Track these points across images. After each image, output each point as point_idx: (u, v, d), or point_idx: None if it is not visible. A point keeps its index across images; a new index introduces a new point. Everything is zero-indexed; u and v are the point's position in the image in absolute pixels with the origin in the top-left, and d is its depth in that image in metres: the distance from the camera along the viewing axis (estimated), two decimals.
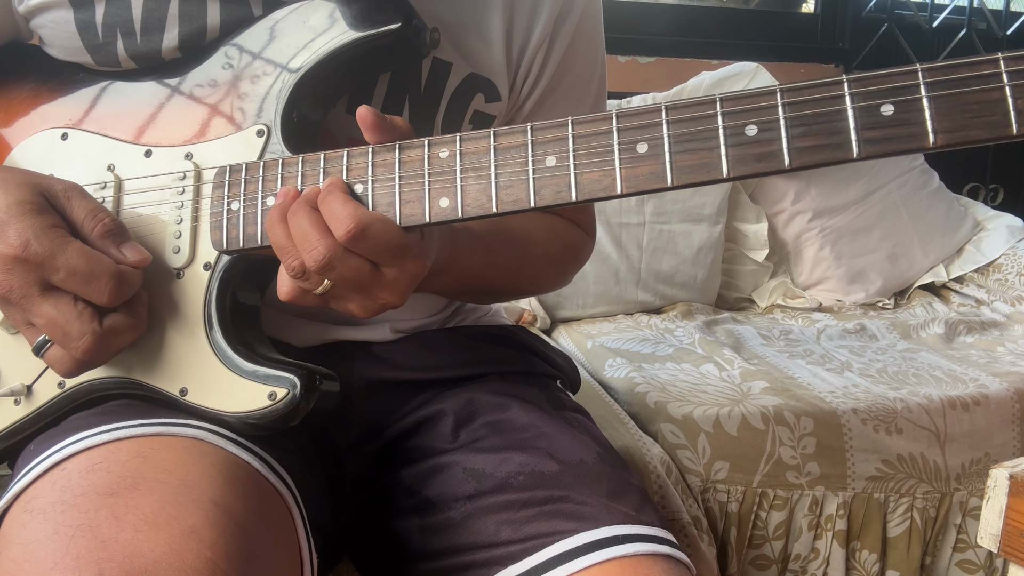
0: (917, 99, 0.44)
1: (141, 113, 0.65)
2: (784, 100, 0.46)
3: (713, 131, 0.47)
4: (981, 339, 1.57)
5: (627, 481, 0.68)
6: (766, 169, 0.46)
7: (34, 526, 0.49)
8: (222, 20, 0.65)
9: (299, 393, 0.56)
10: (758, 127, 0.46)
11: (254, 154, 0.61)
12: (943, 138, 0.43)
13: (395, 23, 0.59)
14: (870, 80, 0.45)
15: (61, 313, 0.55)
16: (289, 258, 0.53)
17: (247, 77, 0.63)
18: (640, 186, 0.49)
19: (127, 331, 0.57)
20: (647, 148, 0.48)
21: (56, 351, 0.56)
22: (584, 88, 0.81)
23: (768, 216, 1.86)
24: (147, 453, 0.53)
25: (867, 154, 0.44)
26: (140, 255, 0.58)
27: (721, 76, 1.86)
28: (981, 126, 0.43)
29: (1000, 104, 0.42)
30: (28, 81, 0.69)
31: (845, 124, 0.45)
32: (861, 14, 2.19)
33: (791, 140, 0.46)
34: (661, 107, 0.49)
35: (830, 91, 0.45)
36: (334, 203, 0.52)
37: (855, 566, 1.17)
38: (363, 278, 0.53)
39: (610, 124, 0.50)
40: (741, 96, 0.47)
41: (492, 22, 0.73)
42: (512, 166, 0.52)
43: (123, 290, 0.56)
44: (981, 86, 0.43)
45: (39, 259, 0.54)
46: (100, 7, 0.65)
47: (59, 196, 0.57)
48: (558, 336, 1.64)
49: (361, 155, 0.55)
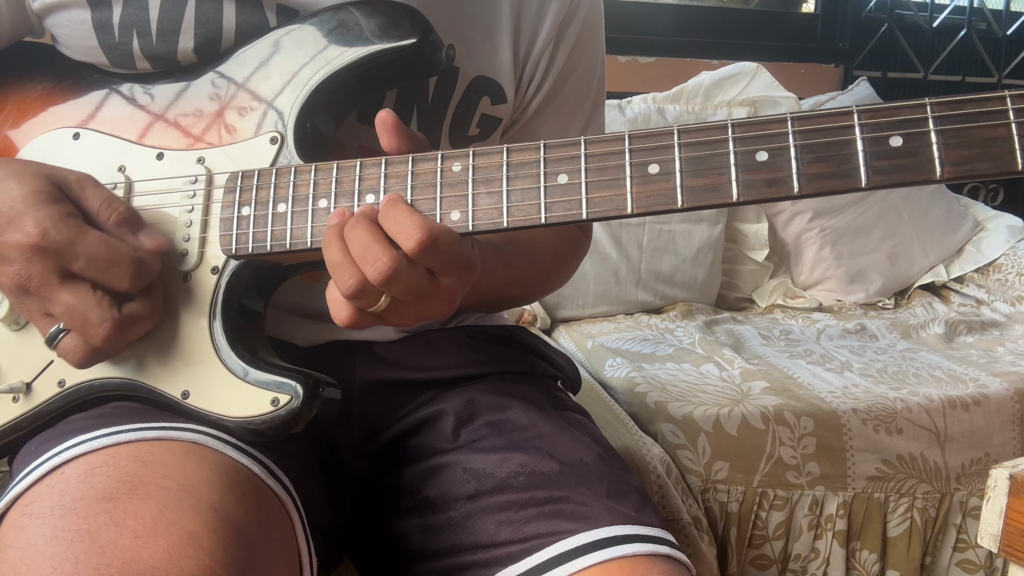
0: (925, 132, 0.44)
1: (154, 116, 0.65)
2: (795, 128, 0.47)
3: (724, 155, 0.48)
4: (981, 339, 1.57)
5: (627, 481, 0.68)
6: (775, 195, 0.47)
7: (32, 530, 0.48)
8: (237, 25, 0.65)
9: (301, 400, 0.56)
10: (768, 153, 0.47)
11: (266, 161, 0.61)
12: (950, 171, 0.44)
13: (412, 38, 0.60)
14: (879, 112, 0.45)
15: (81, 300, 0.55)
16: (345, 276, 0.52)
17: (262, 86, 0.63)
18: (650, 207, 0.49)
19: (145, 319, 0.57)
20: (658, 169, 0.49)
21: (70, 340, 0.56)
22: (586, 89, 0.82)
23: (768, 216, 1.86)
24: (146, 457, 0.53)
25: (875, 184, 0.45)
26: (156, 242, 0.58)
27: (721, 76, 1.86)
28: (987, 160, 0.43)
29: (1006, 141, 0.43)
30: (41, 80, 0.69)
31: (854, 154, 0.46)
32: (861, 14, 2.19)
33: (801, 167, 0.46)
34: (673, 130, 0.49)
35: (840, 121, 0.46)
36: (400, 215, 0.52)
37: (855, 566, 1.17)
38: (423, 288, 0.52)
39: (622, 145, 0.50)
40: (752, 122, 0.48)
41: (500, 24, 0.73)
42: (524, 182, 0.52)
43: (143, 276, 0.56)
44: (988, 122, 0.43)
45: (58, 247, 0.54)
46: (117, 7, 0.65)
47: (72, 186, 0.57)
48: (558, 336, 1.64)
49: (374, 166, 0.56)
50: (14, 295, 0.56)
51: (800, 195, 0.47)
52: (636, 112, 1.77)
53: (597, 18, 0.82)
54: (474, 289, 0.63)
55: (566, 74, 0.79)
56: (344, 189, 0.56)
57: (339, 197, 0.56)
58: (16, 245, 0.54)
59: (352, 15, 0.62)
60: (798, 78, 2.08)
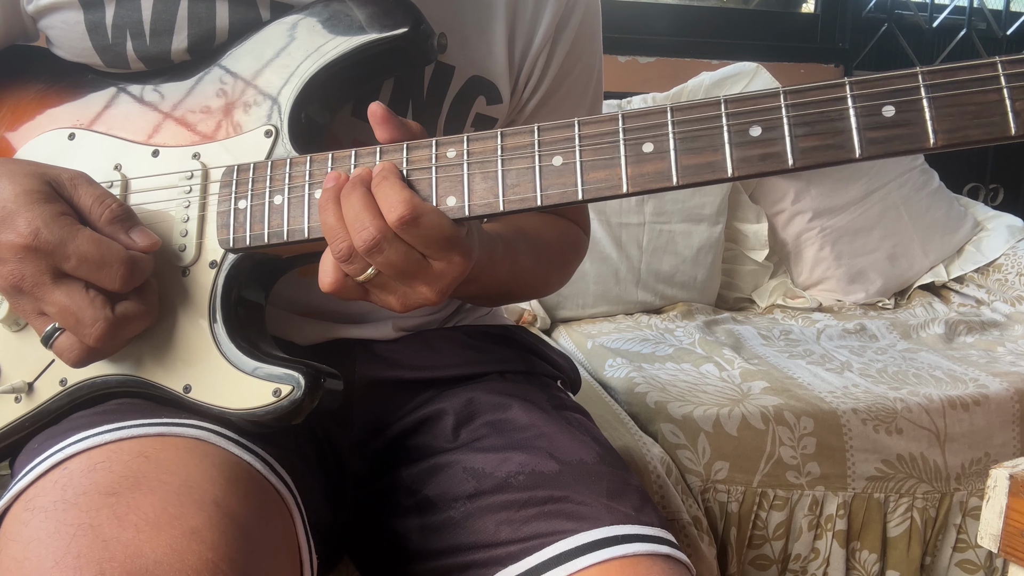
0: (917, 100, 0.44)
1: (149, 114, 0.65)
2: (787, 101, 0.47)
3: (718, 131, 0.48)
4: (981, 339, 1.57)
5: (627, 481, 0.68)
6: (770, 169, 0.47)
7: (35, 525, 0.49)
8: (231, 23, 0.65)
9: (304, 391, 0.56)
10: (762, 128, 0.47)
11: (262, 154, 0.61)
12: (943, 138, 0.44)
13: (403, 27, 0.60)
14: (871, 82, 0.45)
15: (73, 300, 0.55)
16: (338, 240, 0.53)
17: (256, 79, 0.63)
18: (645, 185, 0.49)
19: (139, 318, 0.57)
20: (652, 148, 0.49)
21: (65, 340, 0.56)
22: (584, 89, 0.82)
23: (768, 216, 1.86)
24: (149, 453, 0.53)
25: (869, 154, 0.45)
26: (149, 240, 0.58)
27: (721, 76, 1.86)
28: (980, 127, 0.43)
29: (998, 106, 0.43)
30: (36, 82, 0.69)
31: (847, 125, 0.46)
32: (861, 14, 2.19)
33: (795, 140, 0.46)
34: (666, 108, 0.49)
35: (832, 93, 0.46)
36: (388, 187, 0.52)
37: (855, 566, 1.17)
38: (410, 266, 0.53)
39: (616, 124, 0.50)
40: (745, 98, 0.48)
41: (495, 24, 0.73)
42: (519, 165, 0.52)
43: (135, 275, 0.56)
44: (980, 88, 0.44)
45: (50, 247, 0.54)
46: (110, 8, 0.65)
47: (65, 184, 0.57)
48: (558, 336, 1.64)
49: (369, 155, 0.56)
50: (9, 295, 0.56)
51: (795, 168, 0.47)
52: None
53: (595, 17, 0.82)
54: (477, 281, 0.63)
55: (563, 74, 0.79)
56: None
57: None
58: (8, 245, 0.54)
59: (344, 5, 0.62)
60: (798, 78, 2.08)
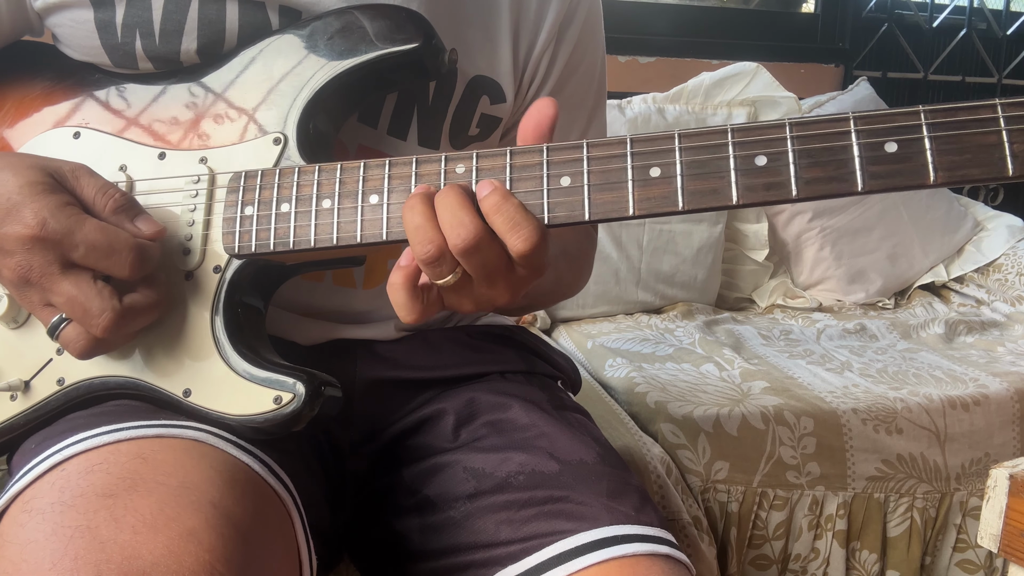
0: (919, 139, 0.46)
1: (156, 116, 0.65)
2: (793, 133, 0.48)
3: (724, 159, 0.49)
4: (981, 339, 1.57)
5: (627, 481, 0.68)
6: (774, 198, 0.48)
7: (32, 526, 0.48)
8: (240, 27, 0.65)
9: (304, 399, 0.56)
10: (767, 157, 0.48)
11: (270, 161, 0.61)
12: (943, 176, 0.45)
13: (415, 42, 0.60)
14: (875, 118, 0.47)
15: (81, 290, 0.54)
16: (425, 240, 0.51)
17: (266, 86, 0.63)
18: (651, 208, 0.50)
19: (146, 309, 0.57)
20: (659, 172, 0.50)
21: (72, 330, 0.56)
22: (587, 89, 0.82)
23: (768, 216, 1.86)
24: (147, 455, 0.53)
25: (871, 188, 0.46)
26: (154, 227, 0.58)
27: (721, 76, 1.86)
28: (979, 167, 0.45)
29: (997, 148, 0.45)
30: (42, 80, 0.69)
31: (851, 159, 0.47)
32: (861, 14, 2.19)
33: (799, 171, 0.48)
34: (674, 134, 0.50)
35: (837, 127, 0.47)
36: (513, 210, 0.51)
37: (855, 566, 1.17)
38: (499, 270, 0.52)
39: (624, 148, 0.51)
40: (752, 127, 0.49)
41: (499, 23, 0.74)
42: (527, 184, 0.52)
43: (144, 263, 0.56)
44: (980, 129, 0.45)
45: (58, 237, 0.54)
46: (120, 7, 0.65)
47: (67, 176, 0.57)
48: (558, 336, 1.64)
49: (378, 167, 0.56)
50: (15, 287, 0.56)
51: (798, 198, 0.48)
52: (636, 112, 1.77)
53: (597, 17, 0.82)
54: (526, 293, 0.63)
55: (567, 74, 0.79)
56: (348, 190, 0.56)
57: (343, 197, 0.56)
58: (16, 236, 0.54)
59: (356, 18, 0.62)
60: (798, 78, 2.08)
